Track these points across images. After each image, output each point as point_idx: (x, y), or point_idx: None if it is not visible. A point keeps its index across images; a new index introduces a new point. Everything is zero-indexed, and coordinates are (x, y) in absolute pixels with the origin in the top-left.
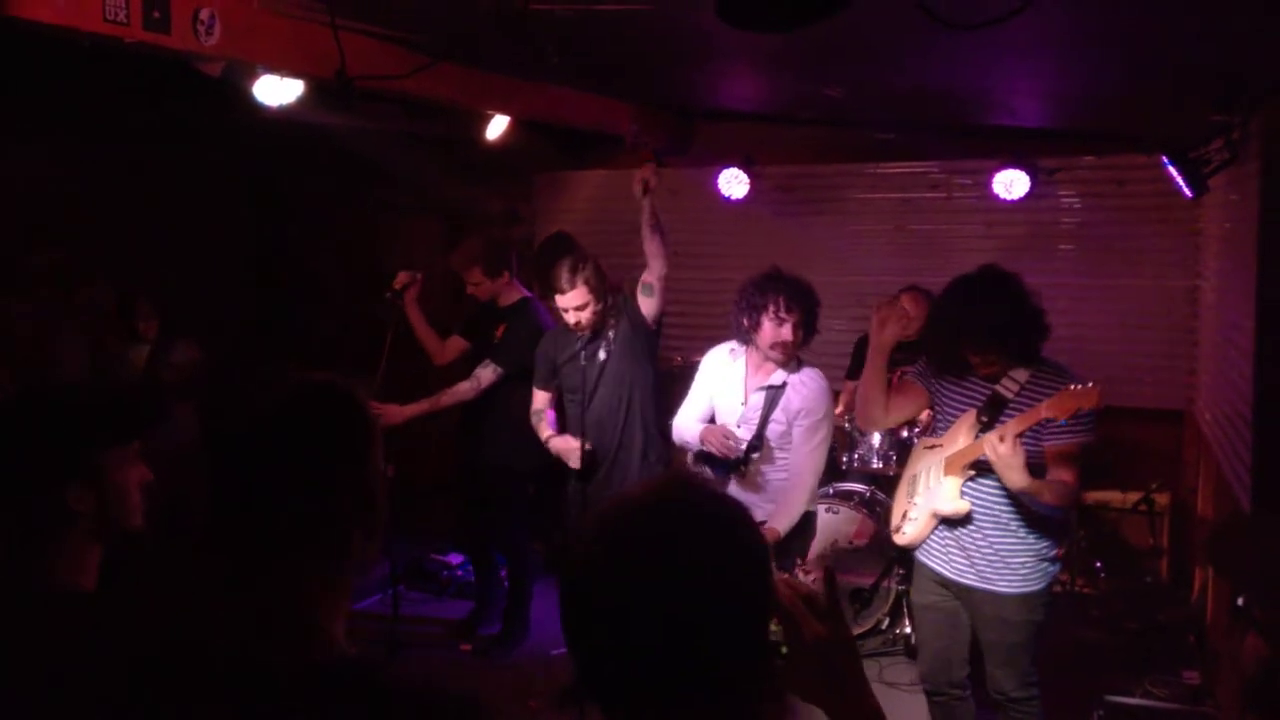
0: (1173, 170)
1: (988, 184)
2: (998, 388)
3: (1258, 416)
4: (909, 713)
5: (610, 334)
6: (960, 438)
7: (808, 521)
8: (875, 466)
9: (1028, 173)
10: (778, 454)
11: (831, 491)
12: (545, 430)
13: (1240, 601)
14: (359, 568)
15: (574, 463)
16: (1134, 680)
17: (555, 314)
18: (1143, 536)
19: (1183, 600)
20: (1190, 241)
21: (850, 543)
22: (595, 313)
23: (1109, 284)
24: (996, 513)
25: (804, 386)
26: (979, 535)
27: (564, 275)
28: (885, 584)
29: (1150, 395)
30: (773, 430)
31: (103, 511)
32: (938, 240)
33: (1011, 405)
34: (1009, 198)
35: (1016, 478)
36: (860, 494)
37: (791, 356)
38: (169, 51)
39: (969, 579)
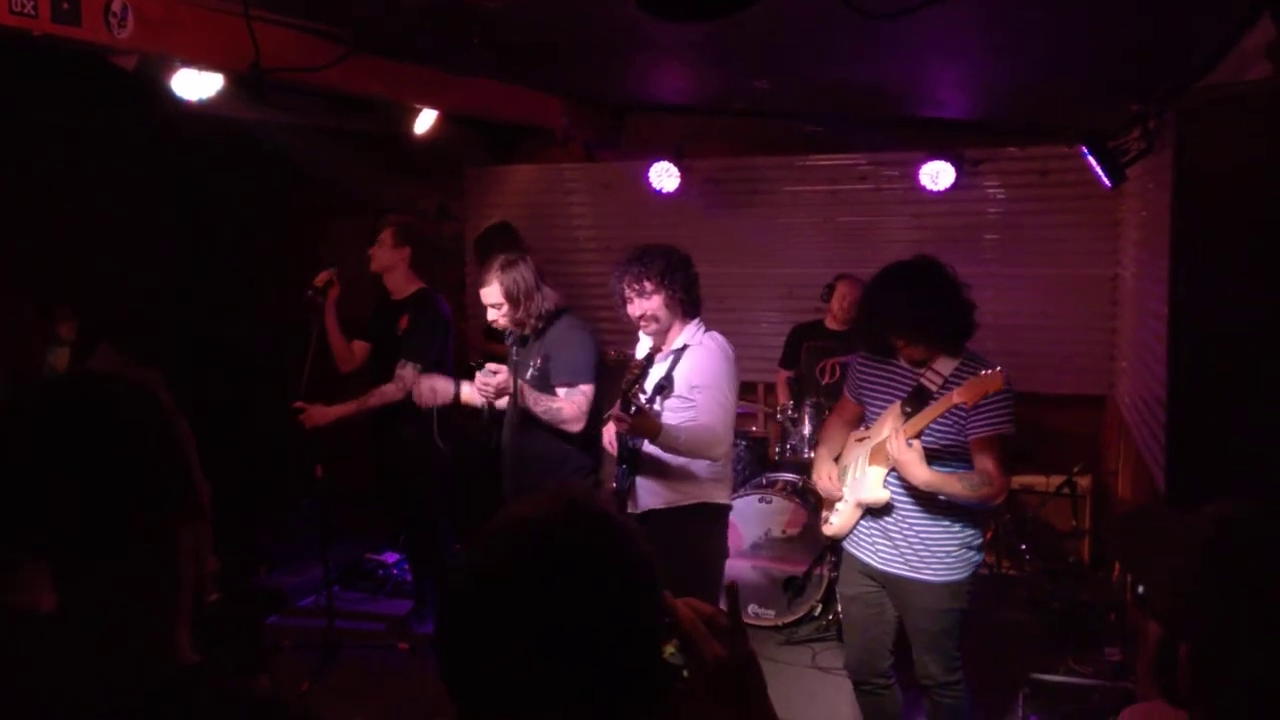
0: (1092, 160)
1: (914, 175)
2: (922, 380)
3: (1171, 400)
4: (844, 697)
5: (537, 358)
6: (885, 429)
7: (712, 514)
8: (807, 456)
9: (953, 164)
10: (677, 408)
11: (764, 481)
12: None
13: (1140, 590)
14: (192, 568)
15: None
16: (1058, 658)
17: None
18: (1065, 519)
19: (1104, 580)
20: (1111, 231)
21: (783, 532)
22: (507, 317)
23: (1033, 273)
24: (921, 501)
25: (699, 348)
26: (905, 524)
27: (490, 268)
28: (818, 571)
29: (1072, 381)
30: (676, 384)
31: None
32: (866, 231)
33: (935, 398)
34: (935, 189)
35: (917, 473)
36: (792, 483)
37: (660, 325)
38: (80, 45)
39: (895, 568)
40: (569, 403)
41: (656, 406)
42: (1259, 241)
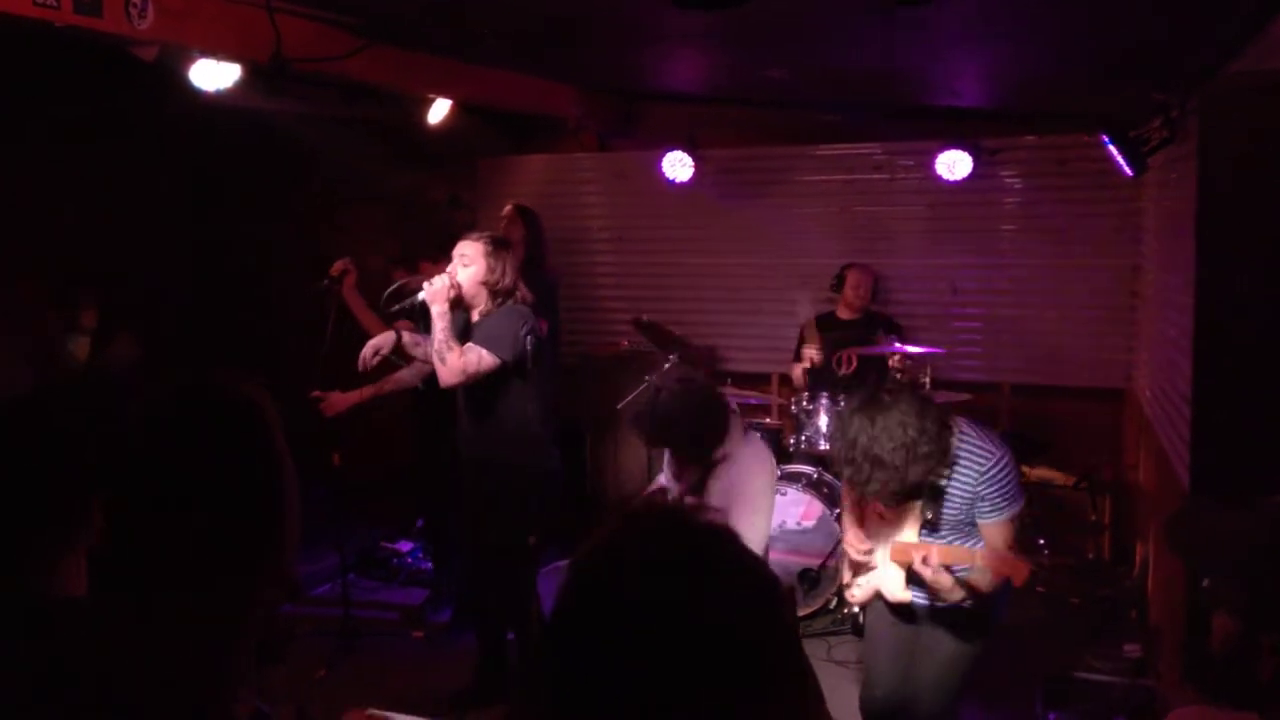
0: (1113, 149)
1: (930, 165)
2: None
3: (1196, 394)
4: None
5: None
6: (906, 526)
7: None
8: (822, 448)
9: (970, 153)
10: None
11: (779, 473)
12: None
13: (1205, 584)
14: (262, 617)
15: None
16: (1077, 655)
17: None
18: (1084, 514)
19: (1124, 576)
20: (1131, 221)
21: (798, 523)
22: (469, 278)
23: (1051, 264)
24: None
25: (740, 457)
26: (927, 607)
27: (484, 236)
28: (833, 563)
29: (1091, 374)
30: (713, 497)
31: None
32: (882, 221)
33: (948, 494)
34: (951, 178)
35: (949, 597)
36: (808, 475)
37: (690, 477)
38: (101, 35)
39: (928, 600)
40: (459, 353)
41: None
42: None
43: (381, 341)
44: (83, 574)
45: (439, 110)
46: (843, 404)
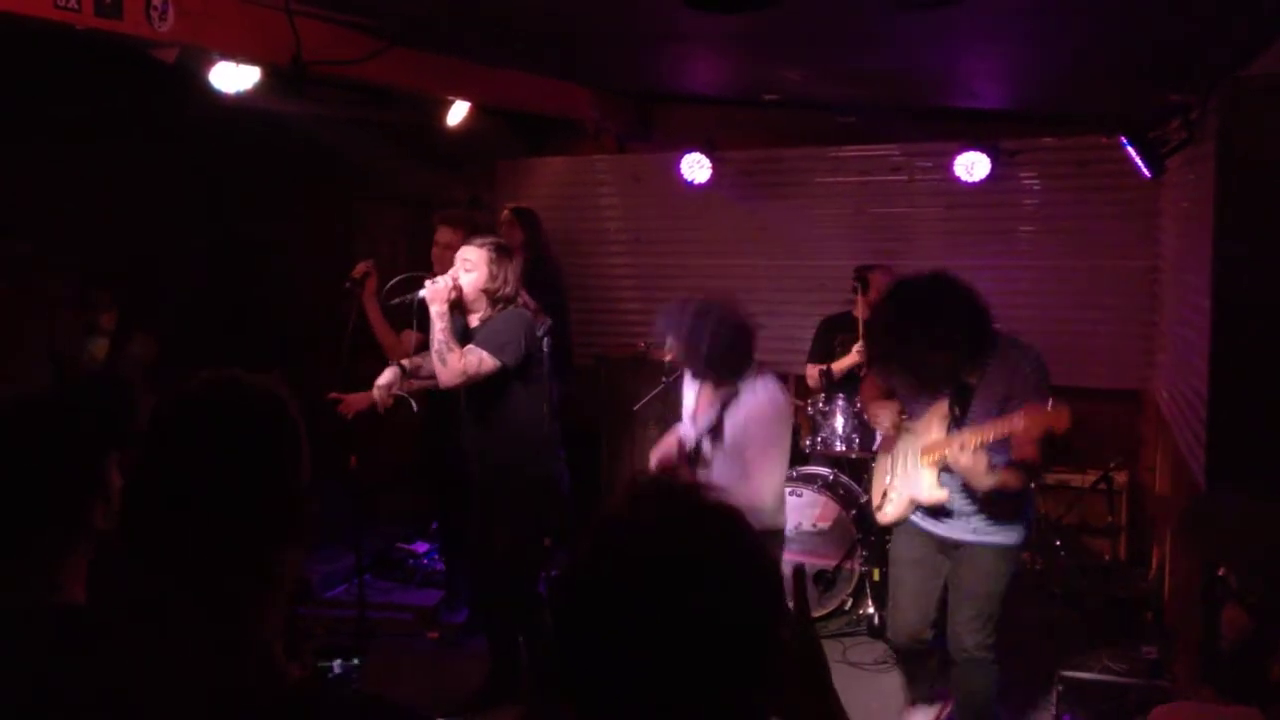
0: (1131, 151)
1: (949, 166)
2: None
3: (1212, 395)
4: (874, 691)
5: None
6: (934, 428)
7: (770, 540)
8: (838, 449)
9: (988, 155)
10: (730, 457)
11: (795, 475)
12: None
13: (1220, 573)
14: (289, 583)
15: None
16: (1093, 655)
17: None
18: (1101, 515)
19: (1140, 577)
20: (1149, 222)
21: (814, 525)
22: (471, 284)
23: (1069, 265)
24: (976, 492)
25: (751, 397)
26: (967, 502)
27: (487, 241)
28: (849, 565)
29: (1109, 375)
30: (727, 433)
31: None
32: (899, 223)
33: (978, 394)
34: (970, 180)
35: (982, 483)
36: (824, 477)
37: (707, 407)
38: (122, 38)
39: (959, 534)
40: (459, 355)
41: (706, 449)
42: None
43: (390, 379)
44: (83, 575)
45: (457, 112)
46: (859, 406)
